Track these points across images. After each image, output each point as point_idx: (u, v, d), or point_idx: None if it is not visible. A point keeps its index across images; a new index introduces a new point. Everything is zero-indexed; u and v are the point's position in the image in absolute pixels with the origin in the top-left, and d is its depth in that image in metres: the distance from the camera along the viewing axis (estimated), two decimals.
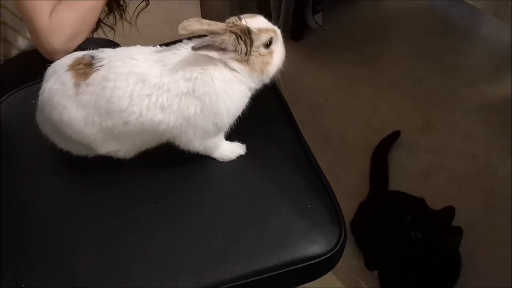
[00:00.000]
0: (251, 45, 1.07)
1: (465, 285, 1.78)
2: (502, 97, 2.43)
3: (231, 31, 1.05)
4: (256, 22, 1.09)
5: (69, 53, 1.27)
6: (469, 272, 1.80)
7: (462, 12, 2.87)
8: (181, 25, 1.03)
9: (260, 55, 1.08)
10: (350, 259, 1.90)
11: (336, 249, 1.10)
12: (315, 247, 1.09)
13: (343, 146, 2.27)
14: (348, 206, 1.95)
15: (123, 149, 1.16)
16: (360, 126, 2.34)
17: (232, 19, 1.09)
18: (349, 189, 2.08)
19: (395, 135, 2.23)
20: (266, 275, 1.06)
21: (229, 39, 1.03)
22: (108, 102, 1.07)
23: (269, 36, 1.08)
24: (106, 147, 1.15)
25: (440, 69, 2.57)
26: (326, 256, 1.09)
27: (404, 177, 2.13)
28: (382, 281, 1.79)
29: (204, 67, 1.06)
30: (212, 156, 1.20)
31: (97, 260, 1.06)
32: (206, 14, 2.09)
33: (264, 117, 1.27)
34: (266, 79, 1.13)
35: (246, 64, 1.08)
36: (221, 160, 1.21)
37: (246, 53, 1.07)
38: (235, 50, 1.05)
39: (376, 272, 1.84)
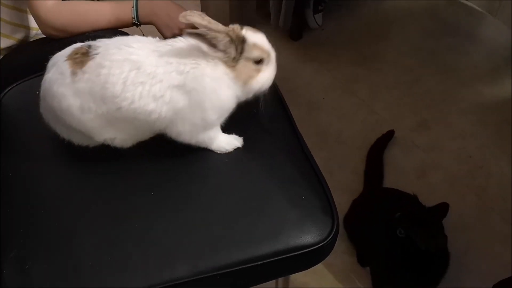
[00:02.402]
0: (241, 53, 1.09)
1: (456, 282, 1.81)
2: (499, 98, 2.45)
3: (227, 34, 1.07)
4: (256, 37, 1.12)
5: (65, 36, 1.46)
6: (460, 270, 1.82)
7: (461, 13, 2.89)
8: (182, 14, 1.04)
9: (247, 66, 1.11)
10: (343, 255, 1.92)
11: (328, 240, 1.12)
12: (308, 237, 1.11)
13: (339, 144, 2.29)
14: (342, 202, 1.97)
15: (119, 138, 1.18)
16: (357, 124, 2.36)
17: (235, 26, 1.11)
18: (344, 185, 2.10)
19: (390, 134, 2.26)
20: (259, 263, 1.08)
21: (222, 39, 1.06)
22: (102, 88, 1.08)
23: (261, 55, 1.11)
24: (102, 135, 1.16)
25: (437, 69, 2.59)
26: (318, 246, 1.11)
27: (399, 175, 2.15)
28: (374, 277, 1.81)
29: (197, 62, 1.08)
30: (210, 148, 1.23)
31: (98, 243, 1.09)
32: (206, 13, 2.10)
33: (260, 110, 1.29)
34: (248, 93, 1.15)
35: (232, 70, 1.10)
36: (218, 152, 1.23)
37: (234, 59, 1.09)
38: (225, 52, 1.07)
39: (368, 268, 1.86)
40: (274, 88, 1.39)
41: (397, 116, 2.38)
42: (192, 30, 1.03)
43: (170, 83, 1.08)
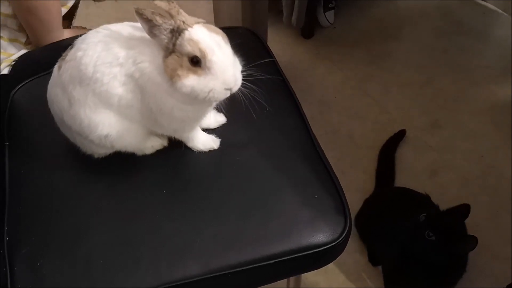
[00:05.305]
0: (174, 45, 0.98)
1: (469, 283, 1.79)
2: (511, 99, 2.44)
3: (175, 22, 0.98)
4: (201, 34, 0.98)
5: None
6: (473, 270, 1.81)
7: (473, 12, 2.87)
8: None
9: (179, 61, 0.98)
10: (355, 254, 1.92)
11: (340, 239, 1.12)
12: (320, 236, 1.11)
13: (351, 143, 2.28)
14: (354, 202, 1.96)
15: (113, 132, 1.12)
16: (368, 124, 2.35)
17: (192, 18, 1.01)
18: (355, 185, 2.10)
19: (401, 133, 2.25)
20: (272, 261, 1.08)
21: (164, 25, 0.97)
22: (78, 71, 1.06)
23: (193, 52, 0.97)
24: (94, 130, 1.10)
25: (450, 69, 2.58)
26: (330, 245, 1.11)
27: (410, 175, 2.14)
28: (386, 276, 1.80)
29: (145, 57, 1.02)
30: (186, 144, 1.22)
31: (109, 241, 1.08)
32: (218, 12, 2.10)
33: (274, 108, 1.29)
34: (174, 91, 1.01)
35: (163, 61, 0.99)
36: (194, 150, 1.22)
37: (168, 49, 0.99)
38: (159, 38, 0.98)
39: (379, 267, 1.85)
40: (287, 87, 1.39)
41: (409, 116, 2.37)
42: (140, 9, 0.95)
43: (127, 71, 1.04)
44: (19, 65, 1.53)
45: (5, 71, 1.54)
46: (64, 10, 1.66)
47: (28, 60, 1.53)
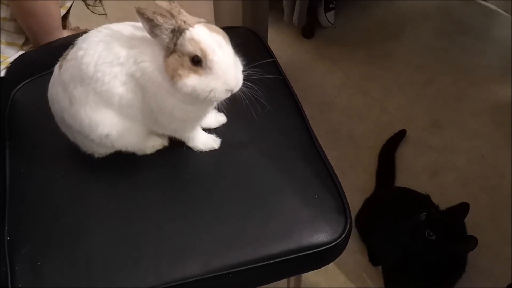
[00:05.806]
0: (175, 45, 0.98)
1: (468, 283, 1.79)
2: (511, 99, 2.44)
3: (176, 22, 0.98)
4: (202, 34, 0.98)
5: None
6: (473, 271, 1.81)
7: (474, 12, 2.87)
8: None
9: (180, 61, 0.98)
10: (355, 254, 1.92)
11: (341, 239, 1.12)
12: (321, 236, 1.10)
13: (351, 143, 2.28)
14: (354, 202, 1.96)
15: (113, 132, 1.11)
16: (369, 124, 2.35)
17: (194, 18, 1.01)
18: (356, 185, 2.10)
19: (401, 133, 2.25)
20: (272, 261, 1.08)
21: (165, 25, 0.97)
22: (79, 70, 1.05)
23: (194, 52, 0.97)
24: (95, 130, 1.10)
25: (450, 69, 2.58)
26: (331, 244, 1.11)
27: (411, 175, 2.14)
28: (386, 276, 1.80)
29: (146, 57, 1.02)
30: (187, 144, 1.21)
31: (109, 241, 1.08)
32: (219, 12, 2.10)
33: (274, 108, 1.29)
34: (174, 91, 1.01)
35: (164, 61, 0.99)
36: (194, 150, 1.22)
37: (168, 49, 0.99)
38: (160, 38, 0.98)
39: (380, 267, 1.85)
40: (287, 86, 1.39)
41: (410, 116, 2.37)
42: (141, 8, 0.95)
43: (129, 71, 1.03)
44: (14, 66, 1.53)
45: (3, 73, 1.54)
46: (63, 11, 1.66)
47: (24, 61, 1.53)
